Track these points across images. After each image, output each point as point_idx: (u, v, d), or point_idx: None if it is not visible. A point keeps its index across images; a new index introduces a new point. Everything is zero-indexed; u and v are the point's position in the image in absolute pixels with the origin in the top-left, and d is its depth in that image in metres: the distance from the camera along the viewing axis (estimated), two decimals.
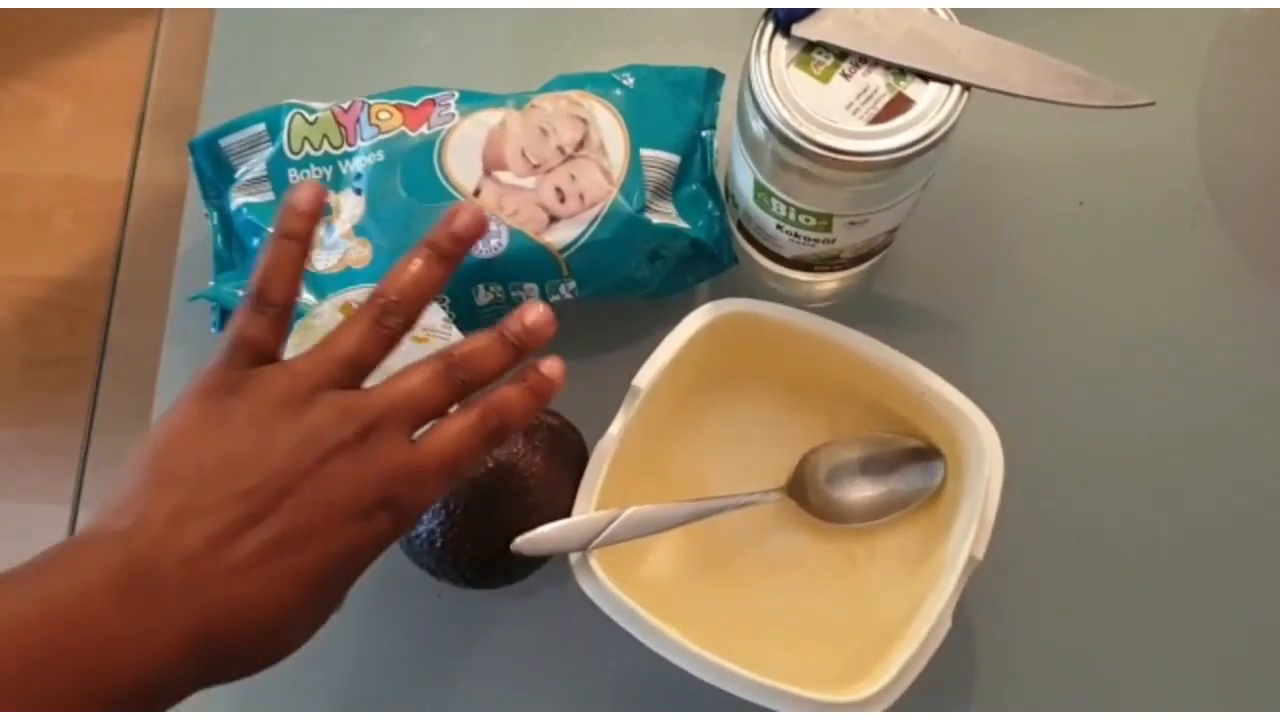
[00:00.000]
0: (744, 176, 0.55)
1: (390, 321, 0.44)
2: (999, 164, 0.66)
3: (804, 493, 0.59)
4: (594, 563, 0.53)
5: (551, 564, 0.56)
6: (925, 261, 0.65)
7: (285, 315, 0.45)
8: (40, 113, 1.73)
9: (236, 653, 0.40)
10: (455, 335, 0.55)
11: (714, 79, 0.62)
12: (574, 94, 0.60)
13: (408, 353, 0.53)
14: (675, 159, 0.60)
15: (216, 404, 0.42)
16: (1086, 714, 0.59)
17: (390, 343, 0.45)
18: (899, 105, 0.49)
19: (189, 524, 0.39)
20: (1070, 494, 0.62)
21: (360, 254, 0.58)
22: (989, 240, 0.66)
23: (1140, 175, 0.66)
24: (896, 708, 0.51)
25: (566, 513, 0.55)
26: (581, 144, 0.58)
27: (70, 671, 0.36)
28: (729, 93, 0.63)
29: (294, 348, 0.54)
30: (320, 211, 0.46)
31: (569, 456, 0.57)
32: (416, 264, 0.45)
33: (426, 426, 0.45)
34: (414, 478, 0.43)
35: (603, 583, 0.52)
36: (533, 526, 0.52)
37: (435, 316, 0.56)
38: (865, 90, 0.49)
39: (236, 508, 0.40)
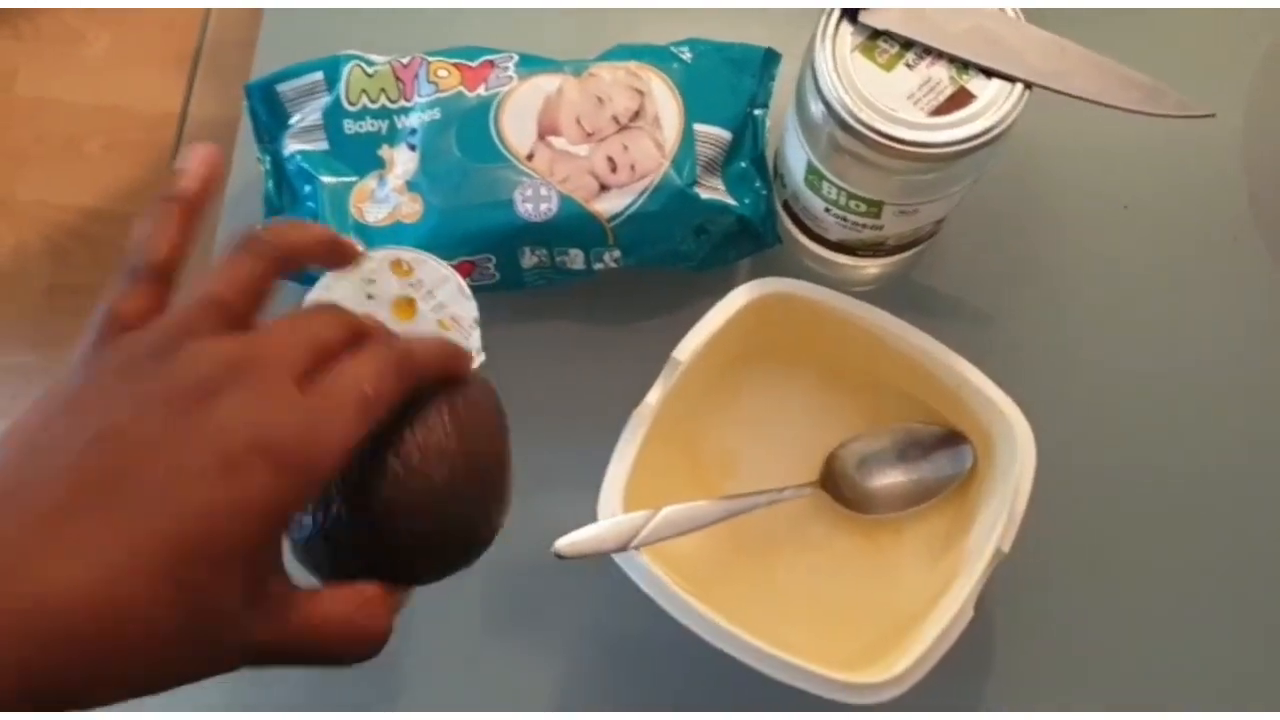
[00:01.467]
0: (796, 157, 0.55)
1: (258, 249, 0.37)
2: (1045, 162, 0.66)
3: (836, 486, 0.59)
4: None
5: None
6: (965, 253, 0.65)
7: (159, 278, 0.37)
8: (79, 39, 1.73)
9: (71, 659, 0.29)
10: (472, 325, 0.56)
11: (771, 58, 0.62)
12: (632, 64, 0.60)
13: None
14: (728, 135, 0.60)
15: (65, 385, 0.34)
16: (1089, 714, 0.60)
17: (262, 280, 0.37)
18: (960, 99, 0.49)
19: (9, 511, 0.31)
20: (1096, 494, 0.62)
21: (411, 209, 0.58)
22: (1030, 237, 0.66)
23: (1187, 183, 0.66)
24: (913, 693, 0.52)
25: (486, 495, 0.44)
26: (636, 115, 0.59)
27: None
28: (783, 73, 0.63)
29: (328, 292, 0.55)
30: (213, 176, 0.39)
31: (485, 420, 0.44)
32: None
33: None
34: (301, 420, 0.33)
35: (647, 569, 0.53)
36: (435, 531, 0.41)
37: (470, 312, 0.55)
38: (927, 81, 0.49)
39: (64, 479, 0.31)
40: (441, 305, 0.56)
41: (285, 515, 0.33)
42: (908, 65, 0.50)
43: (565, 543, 0.53)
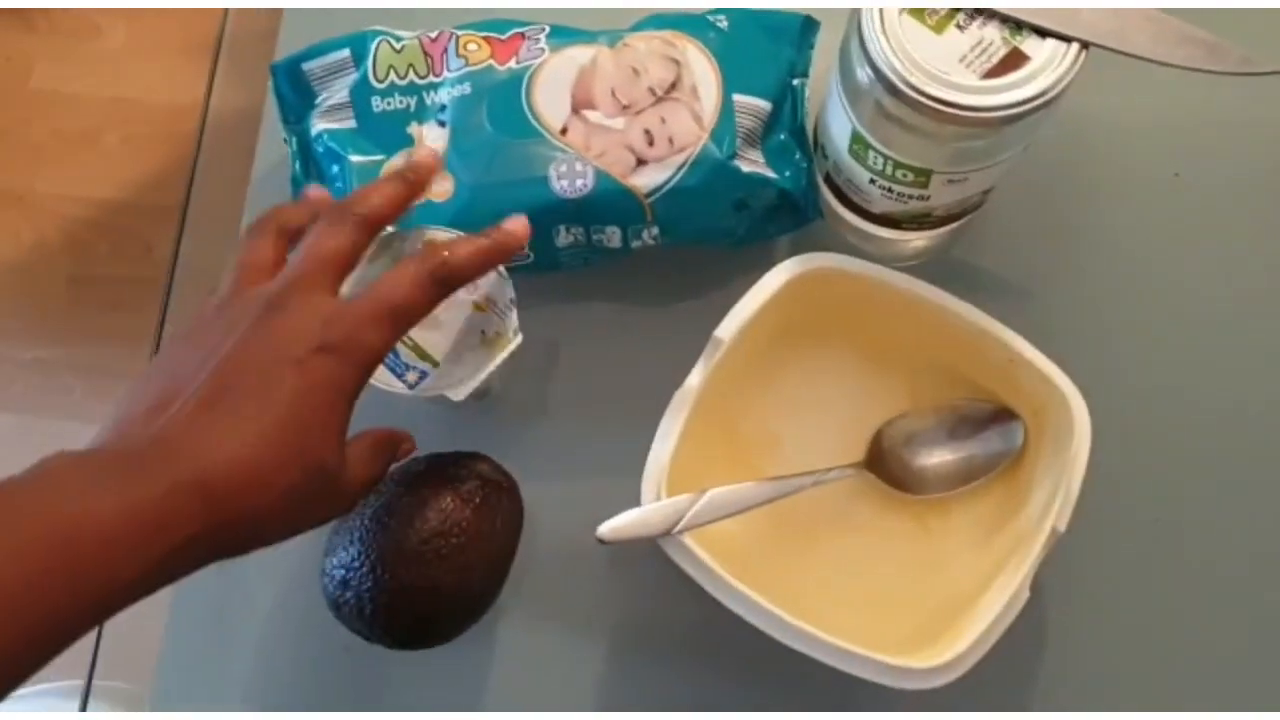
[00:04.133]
0: (840, 127, 0.54)
1: (355, 221, 0.47)
2: (1092, 130, 0.64)
3: (883, 465, 0.58)
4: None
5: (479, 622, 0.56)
6: (1009, 226, 0.64)
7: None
8: (94, 33, 1.72)
9: (228, 506, 0.40)
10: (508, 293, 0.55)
11: (809, 26, 0.60)
12: (667, 34, 0.58)
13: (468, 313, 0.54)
14: (767, 106, 0.58)
15: (196, 324, 0.45)
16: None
17: (356, 248, 0.47)
18: (1014, 60, 0.48)
19: (166, 417, 0.41)
20: (1148, 469, 0.60)
21: (442, 187, 0.57)
22: (1077, 207, 0.64)
23: (1239, 149, 0.64)
24: (964, 675, 0.50)
25: (501, 571, 0.55)
26: (673, 86, 0.57)
27: (70, 574, 0.36)
28: (822, 41, 0.61)
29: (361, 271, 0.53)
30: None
31: (505, 513, 0.55)
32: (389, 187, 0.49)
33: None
34: (347, 322, 0.43)
35: (692, 553, 0.52)
36: (464, 587, 0.53)
37: (505, 293, 0.55)
38: (980, 43, 0.48)
39: (197, 394, 0.42)
40: (476, 285, 0.54)
41: (349, 390, 0.43)
42: (959, 26, 0.48)
43: (608, 528, 0.52)
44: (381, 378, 0.53)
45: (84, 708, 0.62)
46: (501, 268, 0.54)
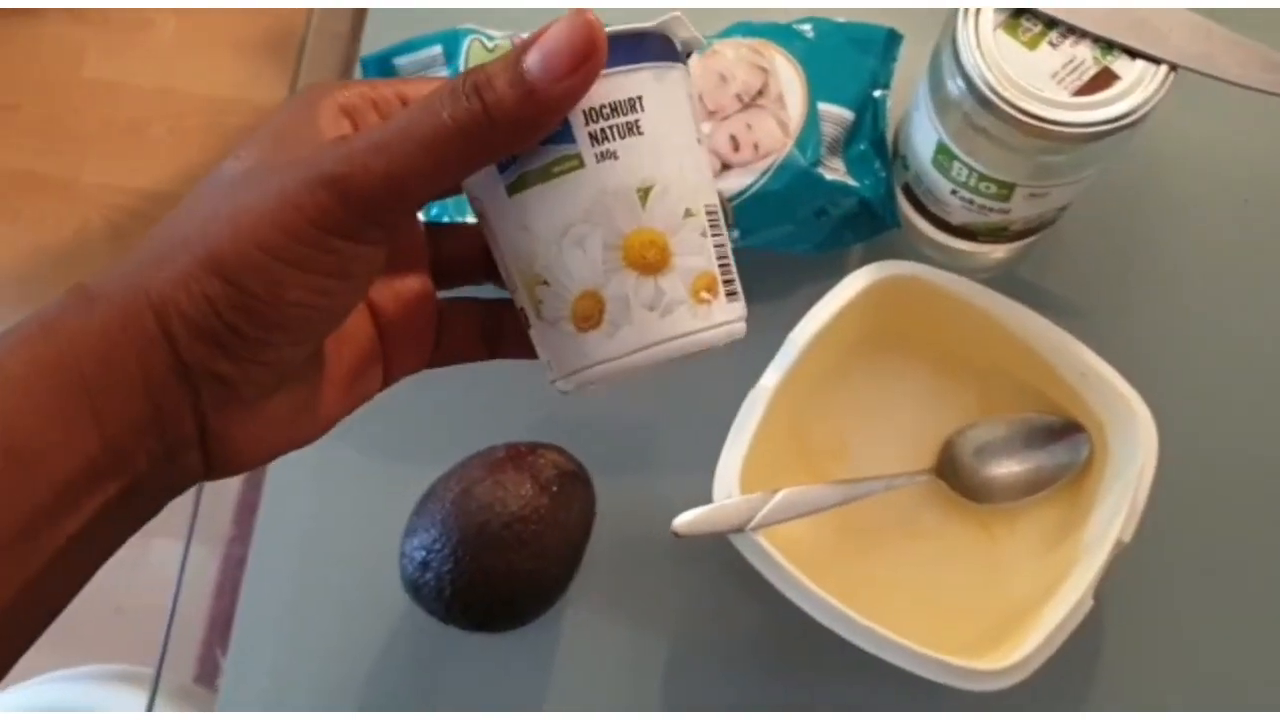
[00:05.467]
0: (924, 137, 0.55)
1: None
2: (1162, 154, 0.65)
3: (953, 473, 0.59)
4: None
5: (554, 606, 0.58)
6: (1081, 241, 0.64)
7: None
8: (145, 24, 1.74)
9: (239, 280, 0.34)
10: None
11: (893, 39, 0.61)
12: (755, 42, 0.59)
13: None
14: (850, 115, 0.59)
15: None
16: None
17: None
18: (1104, 80, 0.49)
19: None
20: (1210, 485, 0.61)
21: None
22: (1144, 230, 0.65)
23: None
24: (1024, 682, 0.51)
25: (574, 559, 0.57)
26: (760, 93, 0.58)
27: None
28: (904, 54, 0.62)
29: None
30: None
31: (580, 503, 0.57)
32: None
33: None
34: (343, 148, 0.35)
35: (765, 550, 0.53)
36: (540, 572, 0.55)
37: None
38: (1071, 61, 0.49)
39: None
40: None
41: (314, 215, 0.34)
42: (1051, 44, 0.49)
43: (683, 521, 0.53)
44: None
45: (150, 707, 0.63)
46: None
